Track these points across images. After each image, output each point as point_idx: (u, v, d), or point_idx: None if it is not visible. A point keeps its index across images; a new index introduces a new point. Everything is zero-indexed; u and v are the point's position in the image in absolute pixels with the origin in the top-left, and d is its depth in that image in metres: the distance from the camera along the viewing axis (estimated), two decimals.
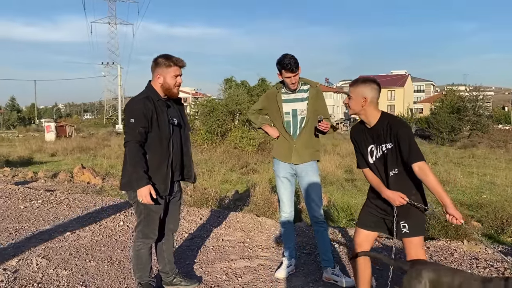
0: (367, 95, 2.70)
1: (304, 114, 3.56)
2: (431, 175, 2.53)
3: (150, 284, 3.14)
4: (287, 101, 3.59)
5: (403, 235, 2.70)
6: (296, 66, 3.39)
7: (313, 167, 3.64)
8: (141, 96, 3.01)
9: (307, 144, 3.58)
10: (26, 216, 5.77)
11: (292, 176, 3.67)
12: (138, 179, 2.87)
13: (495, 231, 6.87)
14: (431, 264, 2.46)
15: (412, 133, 2.71)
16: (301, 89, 3.58)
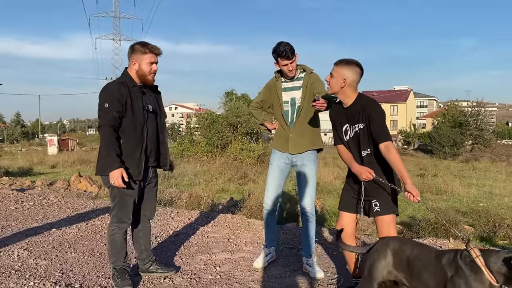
0: (347, 77, 2.75)
1: (300, 103, 3.54)
2: (395, 153, 2.59)
3: (125, 269, 3.14)
4: (286, 90, 3.58)
5: (375, 214, 2.74)
6: (292, 52, 3.37)
7: (310, 158, 3.56)
8: (116, 82, 3.07)
9: (302, 133, 3.54)
10: (15, 216, 5.79)
11: (286, 166, 3.63)
12: (110, 162, 2.90)
13: (487, 234, 6.84)
14: (397, 238, 2.51)
15: (384, 115, 2.74)
16: (299, 77, 3.55)
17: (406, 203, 10.72)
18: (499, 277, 1.94)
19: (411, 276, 2.27)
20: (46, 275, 3.35)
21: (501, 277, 1.94)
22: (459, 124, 38.98)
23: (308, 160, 3.56)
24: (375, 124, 2.68)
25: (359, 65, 2.79)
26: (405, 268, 2.29)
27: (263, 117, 3.79)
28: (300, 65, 3.57)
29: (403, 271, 2.31)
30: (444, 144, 37.11)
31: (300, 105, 3.54)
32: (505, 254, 1.96)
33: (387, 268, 2.36)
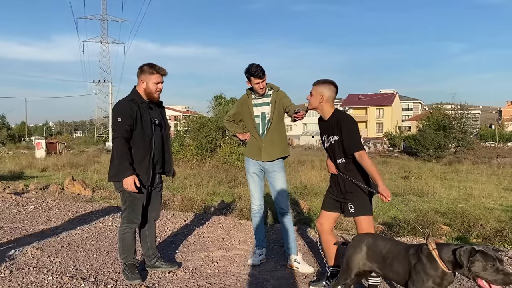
0: (324, 93, 3.25)
1: (270, 116, 4.04)
2: (368, 161, 3.06)
3: (134, 265, 3.55)
4: (256, 105, 4.08)
5: (350, 215, 3.19)
6: (263, 73, 3.89)
7: (280, 164, 4.11)
8: (127, 99, 3.48)
9: (273, 143, 4.06)
10: (20, 218, 6.13)
11: (260, 172, 4.13)
12: (124, 170, 3.31)
13: (462, 233, 7.34)
14: (370, 234, 2.96)
15: (355, 128, 3.21)
16: (268, 94, 4.08)
17: (389, 206, 11.25)
18: (449, 265, 2.41)
19: (383, 266, 2.73)
20: (62, 271, 3.73)
21: (451, 265, 2.41)
22: (443, 127, 39.79)
23: (279, 167, 4.10)
24: (346, 138, 3.16)
25: (334, 84, 3.31)
26: (379, 259, 2.75)
27: (234, 129, 4.32)
28: (268, 83, 4.10)
29: (376, 262, 2.77)
30: (429, 146, 37.86)
31: (270, 118, 4.06)
32: (454, 247, 2.43)
33: (362, 261, 2.82)
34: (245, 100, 4.16)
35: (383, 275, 2.87)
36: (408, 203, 11.61)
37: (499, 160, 31.85)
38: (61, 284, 3.40)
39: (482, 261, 2.29)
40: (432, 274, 2.44)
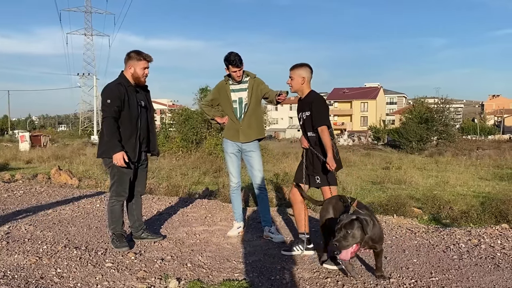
0: (305, 75, 3.66)
1: (246, 101, 4.40)
2: (326, 135, 3.51)
3: (122, 234, 3.88)
4: (234, 91, 4.43)
5: (316, 185, 3.59)
6: (241, 61, 4.24)
7: (256, 145, 4.49)
8: (115, 82, 3.79)
9: (250, 126, 4.43)
10: (10, 201, 6.38)
11: (238, 152, 4.50)
12: (113, 146, 3.63)
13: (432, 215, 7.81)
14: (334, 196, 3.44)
15: (324, 107, 3.60)
16: (244, 80, 4.43)
17: (368, 192, 11.73)
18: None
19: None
20: (55, 242, 4.04)
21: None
22: (425, 120, 40.61)
23: (255, 147, 4.50)
24: (315, 112, 3.57)
25: (310, 66, 3.74)
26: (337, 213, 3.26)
27: (213, 113, 4.67)
28: (245, 71, 4.45)
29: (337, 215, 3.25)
30: (411, 139, 38.67)
31: (247, 103, 4.42)
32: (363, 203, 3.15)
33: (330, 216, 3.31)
34: (222, 86, 4.49)
35: None
36: (386, 190, 12.08)
37: (479, 152, 32.69)
38: (55, 252, 3.72)
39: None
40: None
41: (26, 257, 3.55)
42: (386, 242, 4.30)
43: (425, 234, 4.64)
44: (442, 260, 3.66)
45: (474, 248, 3.99)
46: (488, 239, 4.24)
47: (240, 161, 4.59)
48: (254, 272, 3.39)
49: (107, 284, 3.08)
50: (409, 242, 4.30)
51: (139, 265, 3.48)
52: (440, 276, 3.26)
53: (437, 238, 4.43)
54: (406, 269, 3.45)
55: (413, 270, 3.42)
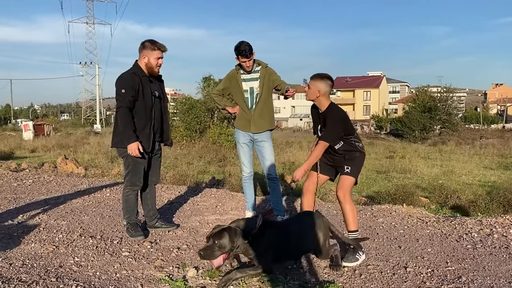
0: (321, 89, 3.54)
1: (258, 91, 4.37)
2: (318, 150, 3.50)
3: (137, 223, 3.90)
4: (245, 80, 4.40)
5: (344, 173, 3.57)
6: (250, 52, 4.19)
7: (268, 135, 4.48)
8: (129, 72, 3.77)
9: (261, 116, 4.41)
10: (21, 190, 6.41)
11: (250, 142, 4.49)
12: (128, 137, 3.63)
13: (439, 204, 7.82)
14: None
15: (336, 125, 3.53)
16: (255, 70, 4.39)
17: (373, 181, 11.74)
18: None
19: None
20: (70, 230, 4.07)
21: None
22: (428, 109, 40.46)
23: (267, 137, 4.48)
24: (326, 130, 3.54)
25: (331, 79, 3.61)
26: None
27: (224, 102, 4.63)
28: (256, 60, 4.41)
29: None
30: (414, 128, 38.58)
31: (259, 93, 4.39)
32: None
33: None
34: (233, 75, 4.46)
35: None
36: (391, 180, 12.10)
37: (482, 141, 32.63)
38: (71, 241, 3.74)
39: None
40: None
41: (43, 246, 3.58)
42: (399, 232, 4.33)
43: (436, 223, 4.65)
44: (456, 250, 3.68)
45: (487, 237, 4.00)
46: (500, 228, 4.26)
47: (252, 151, 4.58)
48: None
49: (125, 272, 3.10)
50: (421, 232, 4.31)
51: (155, 254, 3.50)
52: (456, 265, 3.28)
53: (449, 227, 4.44)
54: (422, 258, 3.46)
55: (428, 259, 3.43)
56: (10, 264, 3.13)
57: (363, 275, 3.12)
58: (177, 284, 2.87)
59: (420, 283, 2.95)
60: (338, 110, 3.61)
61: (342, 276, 3.12)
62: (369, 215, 5.12)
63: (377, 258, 3.50)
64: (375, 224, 4.67)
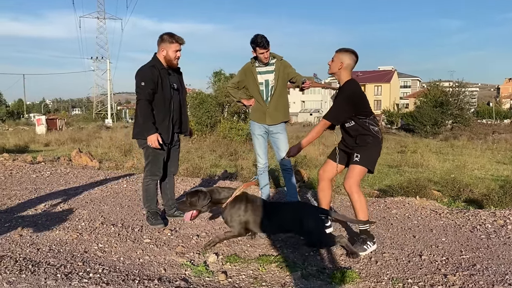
0: (344, 61, 3.49)
1: (273, 83, 4.45)
2: (316, 128, 3.53)
3: (156, 212, 4.01)
4: (261, 73, 4.47)
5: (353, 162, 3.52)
6: (268, 43, 4.26)
7: (282, 127, 4.56)
8: (148, 65, 3.86)
9: (277, 108, 4.49)
10: (40, 181, 6.57)
11: (265, 133, 4.58)
12: (148, 128, 3.73)
13: (452, 198, 7.84)
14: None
15: (343, 102, 3.45)
16: (271, 63, 4.46)
17: (385, 175, 11.76)
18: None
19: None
20: (92, 219, 4.19)
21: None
22: (440, 103, 40.14)
23: (282, 129, 4.56)
24: (331, 106, 3.52)
25: (355, 53, 3.55)
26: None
27: (239, 95, 4.70)
28: (271, 53, 4.46)
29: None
30: (426, 123, 38.32)
31: (274, 85, 4.46)
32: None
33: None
34: (249, 68, 4.53)
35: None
36: (403, 174, 12.10)
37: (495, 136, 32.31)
38: (94, 228, 3.86)
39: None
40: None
41: (67, 233, 3.71)
42: (413, 222, 4.38)
43: (449, 215, 4.70)
44: (470, 239, 3.73)
45: (501, 228, 4.04)
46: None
47: (267, 142, 4.67)
48: (288, 248, 3.49)
49: (148, 258, 3.21)
50: (435, 222, 4.37)
51: (176, 241, 3.61)
52: (471, 254, 3.33)
53: (462, 218, 4.48)
54: (436, 247, 3.53)
55: (443, 248, 3.49)
56: (38, 249, 3.27)
57: (379, 262, 3.19)
58: (198, 269, 2.97)
59: (435, 270, 3.02)
60: (351, 86, 3.47)
61: (358, 263, 3.20)
62: (382, 206, 5.18)
63: (392, 246, 3.57)
64: (389, 215, 4.73)
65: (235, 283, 2.82)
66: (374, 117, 3.55)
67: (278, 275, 2.96)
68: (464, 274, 2.90)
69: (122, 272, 2.89)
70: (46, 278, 2.71)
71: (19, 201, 5.01)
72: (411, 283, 2.81)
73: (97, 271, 2.87)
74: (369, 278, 2.91)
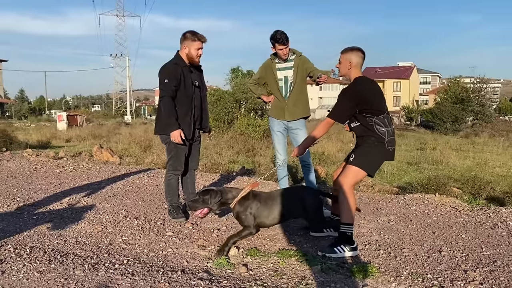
0: (352, 60, 3.42)
1: (292, 79, 4.48)
2: (318, 127, 3.48)
3: (178, 206, 4.10)
4: (280, 69, 4.52)
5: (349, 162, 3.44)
6: (287, 39, 4.29)
7: (302, 123, 4.59)
8: (172, 62, 3.94)
9: (295, 104, 4.52)
10: (64, 176, 6.75)
11: (284, 130, 4.62)
12: (171, 124, 3.81)
13: (472, 195, 7.75)
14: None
15: (344, 99, 3.36)
16: (290, 59, 4.49)
17: (404, 172, 11.67)
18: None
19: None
20: (115, 212, 4.31)
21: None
22: (461, 100, 39.52)
23: (301, 125, 4.59)
24: (335, 104, 3.43)
25: (362, 50, 3.47)
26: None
27: (259, 91, 4.77)
28: (291, 49, 4.48)
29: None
30: (446, 120, 37.79)
31: (293, 81, 4.48)
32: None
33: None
34: (268, 65, 4.58)
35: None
36: (422, 171, 11.99)
37: None
38: (117, 221, 3.98)
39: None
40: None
41: (92, 225, 3.82)
42: (432, 219, 4.38)
43: (470, 212, 4.67)
44: (491, 236, 3.71)
45: None
46: None
47: (286, 138, 4.71)
48: (307, 243, 3.54)
49: (171, 250, 3.30)
50: (455, 219, 4.35)
51: (197, 234, 3.69)
52: (491, 250, 3.32)
53: (483, 216, 4.45)
54: (456, 243, 3.52)
55: (463, 244, 3.49)
56: (65, 241, 3.38)
57: (398, 257, 3.21)
58: (220, 262, 3.04)
59: (455, 266, 3.03)
60: (357, 84, 3.36)
61: (377, 258, 3.23)
62: (401, 203, 5.17)
63: (411, 242, 3.58)
64: (408, 211, 4.72)
65: (256, 275, 2.88)
66: (385, 116, 3.34)
67: (298, 269, 3.01)
68: (485, 270, 2.90)
69: (146, 263, 2.98)
70: (74, 268, 2.82)
71: (44, 195, 5.16)
72: (431, 278, 2.83)
73: (122, 262, 2.96)
74: (388, 273, 2.94)
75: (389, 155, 3.38)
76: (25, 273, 2.71)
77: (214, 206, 3.41)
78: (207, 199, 3.39)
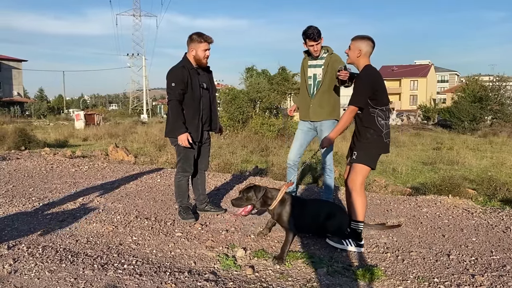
0: (362, 48, 3.44)
1: (320, 78, 4.36)
2: (345, 115, 3.41)
3: (188, 207, 4.15)
4: (311, 66, 4.42)
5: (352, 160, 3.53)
6: (319, 36, 4.18)
7: (328, 125, 4.37)
8: (179, 66, 3.98)
9: (321, 104, 4.37)
10: (79, 175, 6.87)
11: (308, 130, 4.51)
12: (178, 128, 3.86)
13: (487, 196, 7.63)
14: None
15: (363, 85, 3.37)
16: (322, 57, 4.37)
17: (419, 173, 11.55)
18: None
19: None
20: (127, 212, 4.38)
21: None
22: (479, 99, 38.86)
23: (327, 127, 4.38)
24: (353, 91, 3.45)
25: (371, 39, 3.49)
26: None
27: (295, 101, 4.69)
28: (325, 46, 4.36)
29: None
30: (463, 119, 37.18)
31: (321, 80, 4.36)
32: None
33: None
34: (303, 61, 4.51)
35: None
36: (438, 171, 11.84)
37: None
38: (128, 221, 4.04)
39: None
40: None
41: (103, 225, 3.90)
42: (443, 221, 4.33)
43: (482, 214, 4.61)
44: (502, 240, 3.67)
45: None
46: None
47: (307, 139, 4.57)
48: (315, 246, 3.55)
49: (179, 251, 3.34)
50: (466, 222, 4.30)
51: (206, 235, 3.73)
52: (501, 255, 3.28)
53: (496, 218, 4.40)
54: (465, 247, 3.49)
55: (472, 248, 3.46)
56: (76, 241, 3.46)
57: (406, 261, 3.20)
58: (227, 263, 3.07)
59: (463, 270, 3.00)
60: (371, 69, 3.42)
61: (384, 261, 3.22)
62: (413, 205, 5.13)
63: (420, 245, 3.56)
64: (419, 213, 4.69)
65: (261, 277, 2.90)
66: (387, 109, 3.44)
67: (304, 271, 3.02)
68: (493, 275, 2.88)
69: (154, 264, 3.03)
70: (84, 268, 2.88)
71: (59, 194, 5.27)
72: (437, 282, 2.81)
73: (131, 262, 3.02)
74: (394, 276, 2.93)
75: (386, 148, 3.50)
76: (36, 272, 2.79)
77: (258, 203, 3.46)
78: (251, 195, 3.46)
